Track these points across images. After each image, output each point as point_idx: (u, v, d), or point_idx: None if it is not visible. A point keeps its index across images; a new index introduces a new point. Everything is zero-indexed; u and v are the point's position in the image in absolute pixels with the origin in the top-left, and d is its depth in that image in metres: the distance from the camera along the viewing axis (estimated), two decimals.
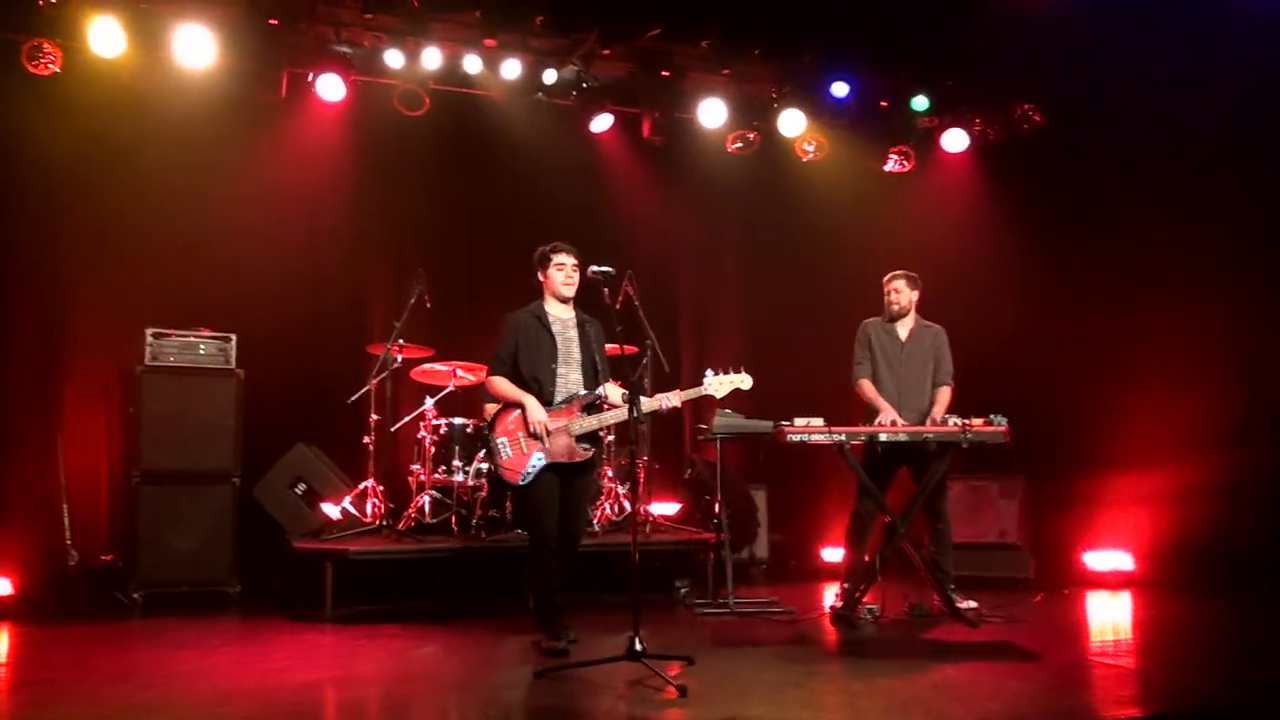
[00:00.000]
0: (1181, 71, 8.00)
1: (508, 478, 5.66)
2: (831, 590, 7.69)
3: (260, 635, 6.32)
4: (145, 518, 7.23)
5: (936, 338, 7.23)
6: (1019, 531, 8.12)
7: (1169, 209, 8.33)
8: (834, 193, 9.73)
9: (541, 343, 5.76)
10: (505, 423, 5.70)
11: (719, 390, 5.88)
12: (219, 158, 8.21)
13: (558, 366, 5.75)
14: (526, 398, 5.65)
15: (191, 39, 7.85)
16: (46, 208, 7.85)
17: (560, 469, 5.67)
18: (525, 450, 5.64)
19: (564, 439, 5.65)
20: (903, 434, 6.62)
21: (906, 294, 7.22)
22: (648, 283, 9.65)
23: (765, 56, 9.19)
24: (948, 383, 7.17)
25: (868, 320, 7.31)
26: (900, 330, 7.20)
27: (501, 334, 5.82)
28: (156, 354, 7.37)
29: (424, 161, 8.99)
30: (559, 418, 5.68)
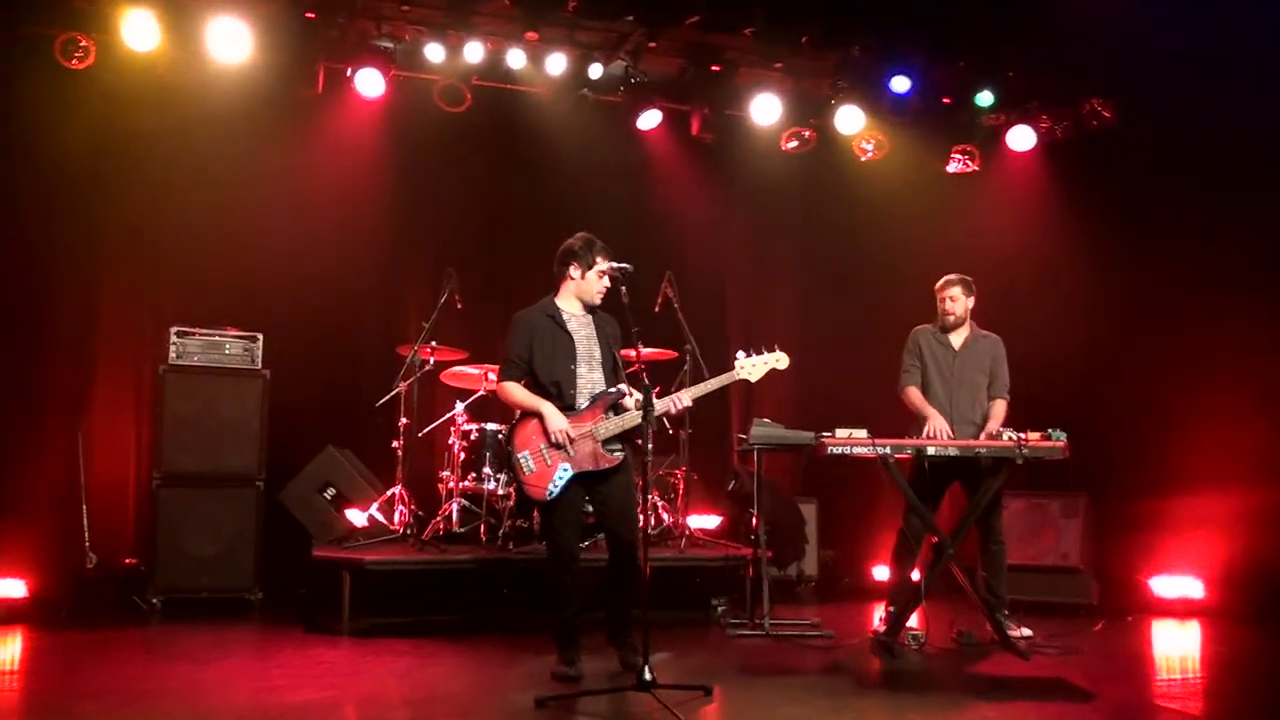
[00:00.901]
0: (1265, 63, 7.45)
1: (533, 494, 5.26)
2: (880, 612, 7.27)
3: (268, 648, 6.08)
4: (165, 521, 7.06)
5: (994, 348, 6.78)
6: (1081, 553, 7.61)
7: (1248, 215, 7.78)
8: (893, 194, 9.29)
9: (559, 343, 5.36)
10: (524, 433, 5.30)
11: (753, 373, 5.49)
12: (252, 154, 8.03)
13: (578, 367, 5.34)
14: (543, 405, 5.27)
15: (226, 32, 7.67)
16: (75, 202, 7.73)
17: (589, 478, 5.28)
18: (549, 462, 5.24)
19: (589, 445, 5.25)
20: (952, 448, 6.18)
21: (962, 301, 6.78)
22: (695, 287, 9.32)
23: (815, 45, 8.73)
24: (1004, 396, 6.72)
25: (919, 327, 6.88)
26: (954, 339, 6.76)
27: (511, 336, 5.42)
28: (180, 353, 7.20)
29: (463, 159, 8.77)
30: (582, 422, 5.27)
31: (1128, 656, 6.38)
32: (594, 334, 5.44)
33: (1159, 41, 7.67)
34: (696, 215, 9.37)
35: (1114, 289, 8.46)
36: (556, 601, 5.33)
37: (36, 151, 7.54)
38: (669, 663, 5.76)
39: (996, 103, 8.89)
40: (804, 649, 6.27)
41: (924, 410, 6.56)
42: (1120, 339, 8.36)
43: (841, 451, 6.10)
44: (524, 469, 5.26)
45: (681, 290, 9.28)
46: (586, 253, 5.40)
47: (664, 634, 6.69)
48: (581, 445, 5.25)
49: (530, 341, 5.37)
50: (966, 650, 6.18)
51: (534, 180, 8.88)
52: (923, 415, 6.53)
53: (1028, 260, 8.98)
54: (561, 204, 8.88)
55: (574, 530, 5.31)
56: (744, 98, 9.01)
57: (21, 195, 7.54)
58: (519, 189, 8.89)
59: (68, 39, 7.47)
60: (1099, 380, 8.42)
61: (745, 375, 5.48)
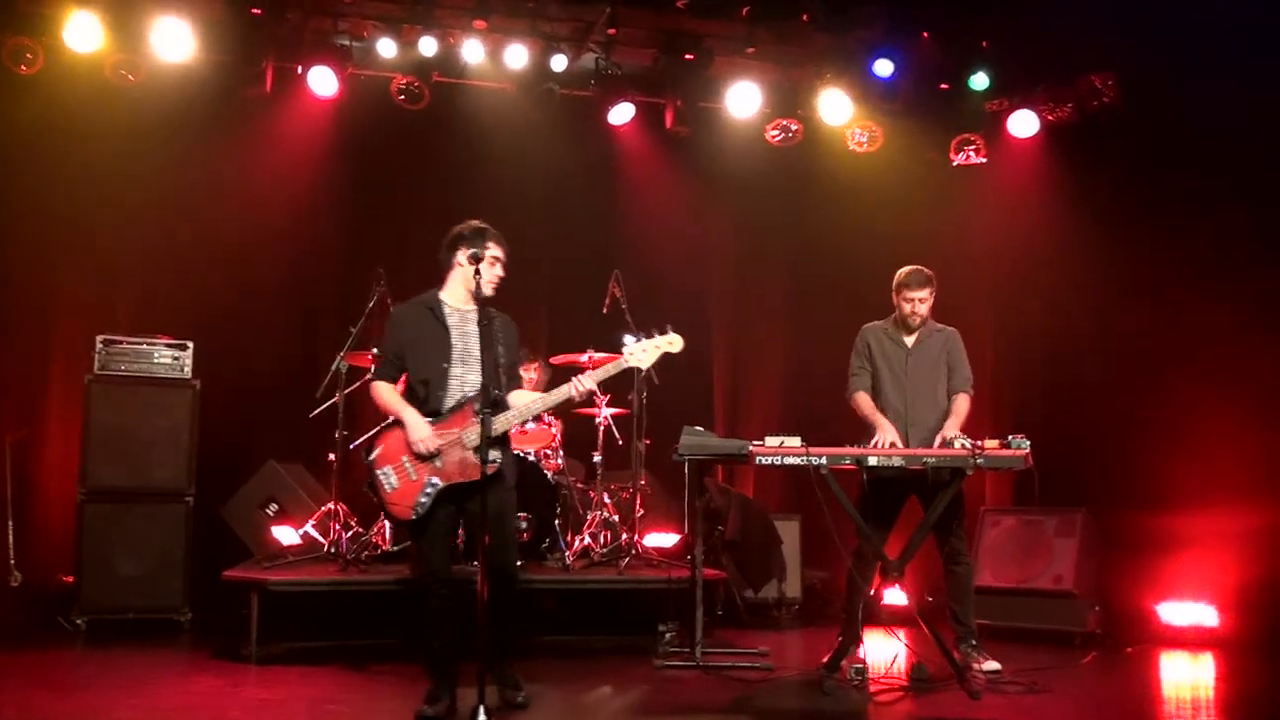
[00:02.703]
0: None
1: (397, 514, 4.73)
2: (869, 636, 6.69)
3: (153, 676, 5.64)
4: (91, 538, 6.77)
5: (948, 341, 6.14)
6: (1076, 576, 6.84)
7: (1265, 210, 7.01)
8: (888, 188, 8.65)
9: (433, 338, 4.81)
10: (387, 446, 4.76)
11: (644, 359, 4.89)
12: (194, 156, 7.79)
13: (451, 366, 4.78)
14: (405, 411, 4.75)
15: (170, 33, 7.45)
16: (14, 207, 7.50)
17: (460, 491, 4.71)
18: (414, 477, 4.71)
19: (458, 453, 4.70)
20: (897, 458, 5.55)
21: (929, 303, 6.13)
22: (674, 289, 8.86)
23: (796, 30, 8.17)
24: (965, 390, 6.06)
25: (868, 325, 6.26)
26: (906, 337, 6.13)
27: (386, 331, 4.92)
28: (106, 362, 6.92)
29: (421, 160, 8.40)
30: (449, 429, 4.72)
31: (1106, 696, 5.66)
32: (475, 331, 4.82)
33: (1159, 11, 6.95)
34: (674, 214, 8.86)
35: (1124, 286, 7.75)
36: (424, 630, 4.80)
37: None
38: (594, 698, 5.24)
39: (992, 85, 8.19)
40: (730, 681, 5.69)
41: (873, 419, 5.95)
42: (1130, 338, 7.64)
43: (771, 462, 5.53)
44: (385, 487, 4.73)
45: (659, 293, 8.84)
46: (477, 239, 4.90)
47: (594, 661, 6.25)
48: (449, 454, 4.70)
49: (404, 337, 4.86)
50: (916, 686, 5.52)
51: (498, 181, 8.42)
52: (873, 425, 5.92)
53: (1034, 256, 8.34)
54: (529, 205, 8.45)
55: (444, 550, 4.78)
56: (721, 88, 8.49)
57: None
58: (482, 190, 8.43)
59: (16, 44, 7.30)
60: (1101, 385, 7.71)
61: (635, 363, 4.89)
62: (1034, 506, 7.14)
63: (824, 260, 8.93)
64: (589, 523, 7.17)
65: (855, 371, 6.18)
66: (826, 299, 8.85)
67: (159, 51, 7.48)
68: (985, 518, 7.41)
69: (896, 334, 6.14)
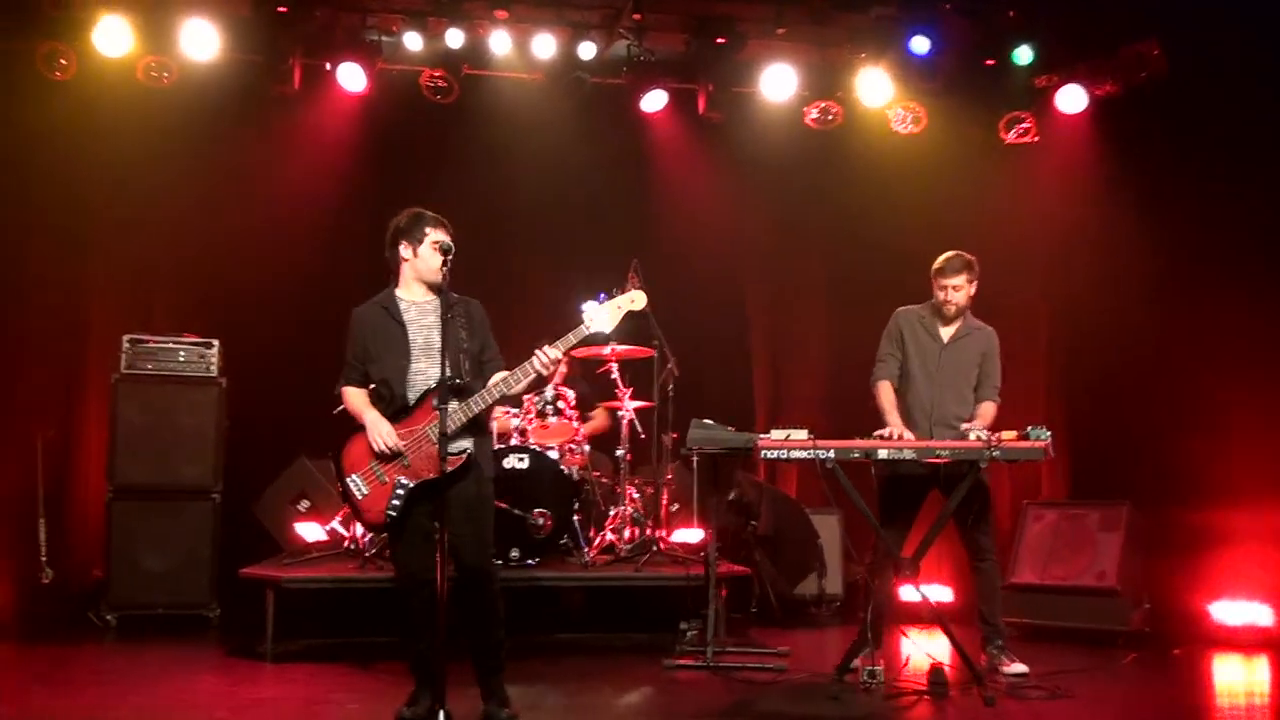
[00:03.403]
0: None
1: (371, 520, 4.59)
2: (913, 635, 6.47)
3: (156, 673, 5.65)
4: (120, 535, 6.85)
5: (987, 342, 5.85)
6: (1120, 573, 6.49)
7: None
8: (933, 170, 8.32)
9: (390, 336, 4.65)
10: (354, 452, 4.61)
11: (605, 322, 4.64)
12: (224, 156, 7.80)
13: (412, 362, 4.62)
14: (367, 413, 4.61)
15: (198, 33, 7.49)
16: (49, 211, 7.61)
17: (432, 488, 4.53)
18: (384, 480, 4.56)
19: (425, 449, 4.53)
20: (908, 450, 5.31)
21: (966, 290, 5.85)
22: (711, 280, 8.68)
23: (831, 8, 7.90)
24: (993, 398, 5.79)
25: (903, 309, 5.99)
26: (944, 330, 5.86)
27: (348, 335, 4.79)
28: (133, 361, 6.99)
29: (451, 154, 8.27)
30: (413, 425, 4.56)
31: (1137, 700, 5.35)
32: (434, 324, 4.67)
33: None
34: (710, 202, 8.61)
35: (1177, 271, 7.36)
36: (406, 630, 4.69)
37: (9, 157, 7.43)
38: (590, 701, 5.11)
39: (1037, 59, 7.81)
40: (736, 683, 5.49)
41: (887, 415, 5.70)
42: (1183, 325, 7.23)
43: (778, 456, 5.33)
44: (356, 494, 4.59)
45: (696, 283, 8.66)
46: (415, 226, 4.76)
47: (607, 660, 6.12)
48: (416, 452, 4.55)
49: (364, 338, 4.72)
50: (933, 691, 5.25)
51: (529, 173, 8.33)
52: (885, 420, 5.68)
53: (1085, 239, 7.99)
54: (560, 196, 8.41)
55: (422, 552, 4.58)
56: (755, 72, 8.26)
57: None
58: (512, 182, 8.36)
59: (48, 50, 7.41)
60: (1157, 373, 7.29)
61: (596, 328, 4.66)
62: (1078, 500, 6.81)
63: (867, 246, 8.62)
64: (612, 518, 7.03)
65: (883, 357, 5.93)
66: (870, 286, 8.51)
67: (188, 52, 7.52)
68: (1027, 512, 7.09)
69: (932, 324, 5.87)
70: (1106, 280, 7.79)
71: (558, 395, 7.07)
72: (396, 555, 4.73)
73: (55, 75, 7.41)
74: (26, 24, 7.31)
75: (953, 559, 7.47)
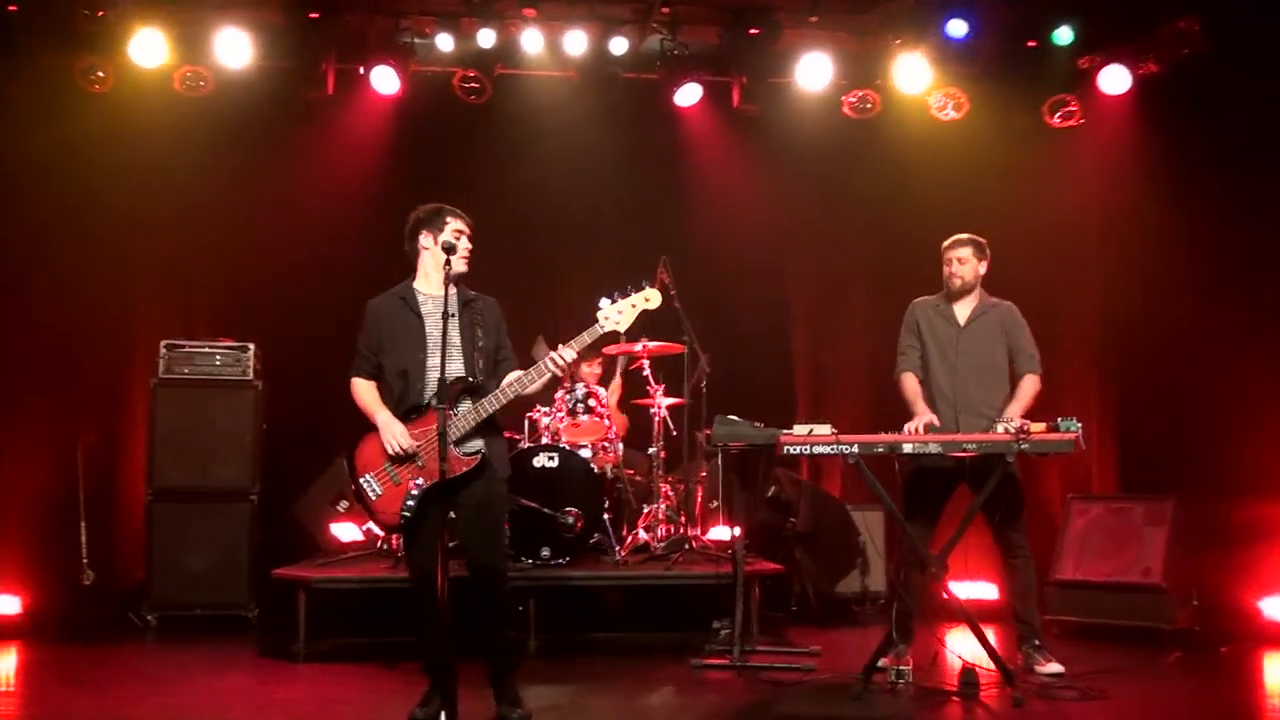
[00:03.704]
0: None
1: (385, 521, 4.57)
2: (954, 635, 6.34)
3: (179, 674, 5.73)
4: (159, 537, 6.96)
5: (1006, 315, 5.71)
6: (1165, 569, 6.27)
7: None
8: (976, 158, 8.13)
9: (408, 329, 4.61)
10: (367, 452, 4.60)
11: (620, 320, 4.60)
12: (260, 161, 7.87)
13: (428, 357, 4.57)
14: (379, 412, 4.59)
15: (231, 42, 7.57)
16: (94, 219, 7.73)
17: (446, 489, 4.47)
18: (398, 481, 4.52)
19: (439, 449, 4.40)
20: (933, 444, 5.17)
21: (972, 264, 5.75)
22: (752, 277, 8.57)
23: None
24: (1033, 370, 5.64)
25: (918, 300, 5.88)
26: (959, 311, 5.73)
27: (362, 325, 4.77)
28: (170, 366, 7.10)
29: (484, 153, 8.26)
30: (426, 425, 4.50)
31: (1173, 701, 5.17)
32: (455, 316, 4.59)
33: None
34: (748, 196, 8.50)
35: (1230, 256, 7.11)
36: (419, 630, 4.69)
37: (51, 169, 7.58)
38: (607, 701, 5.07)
39: (1077, 40, 7.59)
40: (761, 684, 5.40)
41: (913, 404, 5.57)
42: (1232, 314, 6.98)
43: (800, 451, 5.23)
44: (370, 495, 4.57)
45: (735, 279, 8.56)
46: (435, 217, 4.74)
47: (635, 659, 6.07)
48: (430, 452, 4.49)
49: (379, 330, 4.69)
50: (963, 691, 5.11)
51: (563, 171, 8.27)
52: (912, 411, 5.55)
53: (1134, 224, 7.75)
54: (595, 194, 8.36)
55: (430, 551, 4.55)
56: (790, 62, 8.13)
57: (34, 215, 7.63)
58: (547, 181, 8.31)
59: (86, 64, 7.54)
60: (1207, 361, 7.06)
61: (611, 327, 4.60)
62: (1123, 493, 6.60)
63: (910, 238, 8.35)
64: (645, 516, 6.98)
65: (903, 349, 5.82)
66: (915, 278, 8.21)
67: (222, 61, 7.61)
68: (1071, 505, 6.89)
69: (947, 309, 5.75)
70: (1156, 267, 7.55)
71: (589, 394, 7.02)
72: (410, 556, 4.72)
73: (94, 88, 7.55)
74: (65, 39, 7.41)
75: (995, 554, 7.29)
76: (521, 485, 6.47)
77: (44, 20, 7.35)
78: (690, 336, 6.90)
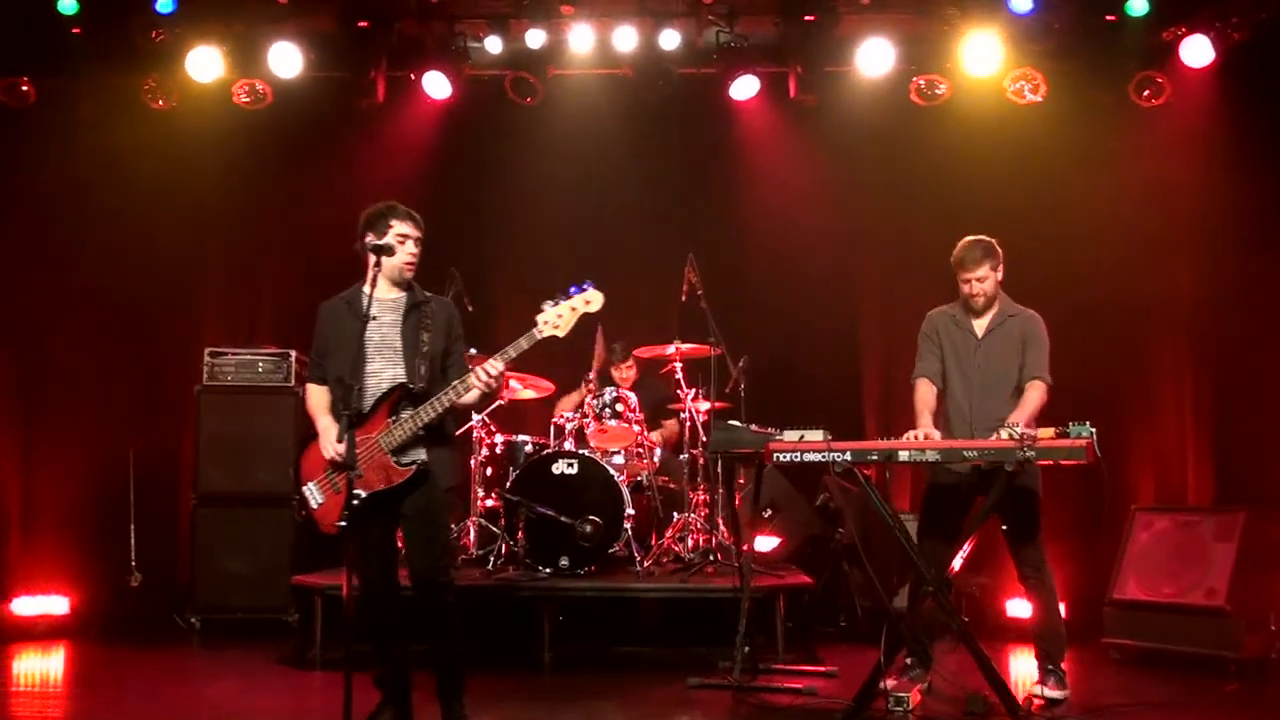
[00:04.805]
0: None
1: (325, 529, 4.48)
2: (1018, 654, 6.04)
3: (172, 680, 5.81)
4: (202, 541, 7.09)
5: (1024, 326, 5.22)
6: (1231, 589, 5.62)
7: None
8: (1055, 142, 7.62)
9: (349, 333, 4.44)
10: (311, 459, 4.52)
11: (561, 325, 4.38)
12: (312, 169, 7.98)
13: (369, 364, 4.44)
14: (319, 419, 4.49)
15: (284, 55, 7.68)
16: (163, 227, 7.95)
17: (385, 499, 4.39)
18: (338, 490, 4.41)
19: (377, 458, 4.37)
20: (930, 452, 4.76)
21: (991, 279, 5.27)
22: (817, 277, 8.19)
23: None
24: (1038, 377, 5.12)
25: (933, 311, 5.48)
26: (977, 324, 5.28)
27: (315, 330, 4.67)
28: (214, 373, 7.23)
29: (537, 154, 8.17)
30: (367, 433, 4.38)
31: None
32: (397, 321, 4.52)
33: None
34: (809, 191, 8.12)
35: None
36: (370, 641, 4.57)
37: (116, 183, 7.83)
38: None
39: (1153, 10, 6.95)
40: (752, 707, 5.07)
41: (918, 416, 5.16)
42: None
43: (790, 458, 4.91)
44: (311, 502, 4.49)
45: (799, 280, 8.19)
46: (380, 219, 4.54)
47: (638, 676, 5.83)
48: (368, 461, 4.38)
49: (324, 334, 4.58)
50: (967, 718, 4.69)
51: (618, 170, 8.13)
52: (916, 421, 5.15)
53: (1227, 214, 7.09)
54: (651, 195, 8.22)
55: (380, 562, 4.50)
56: (849, 49, 7.73)
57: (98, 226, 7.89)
58: (602, 180, 8.17)
59: (149, 82, 7.76)
60: None
61: (551, 331, 4.39)
62: (1191, 505, 5.99)
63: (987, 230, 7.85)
64: (675, 525, 6.72)
65: (921, 355, 5.40)
66: None
67: (276, 72, 7.72)
68: (1135, 518, 6.28)
69: (965, 320, 5.31)
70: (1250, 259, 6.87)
71: (617, 398, 6.81)
72: (355, 564, 4.60)
73: (156, 105, 7.77)
74: (127, 60, 7.63)
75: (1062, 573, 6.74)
76: (539, 492, 6.34)
77: (106, 42, 7.60)
78: (717, 338, 6.64)
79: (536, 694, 5.44)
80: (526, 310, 7.85)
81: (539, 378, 7.14)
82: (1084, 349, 7.21)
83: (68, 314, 7.82)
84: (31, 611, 6.98)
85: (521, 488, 6.40)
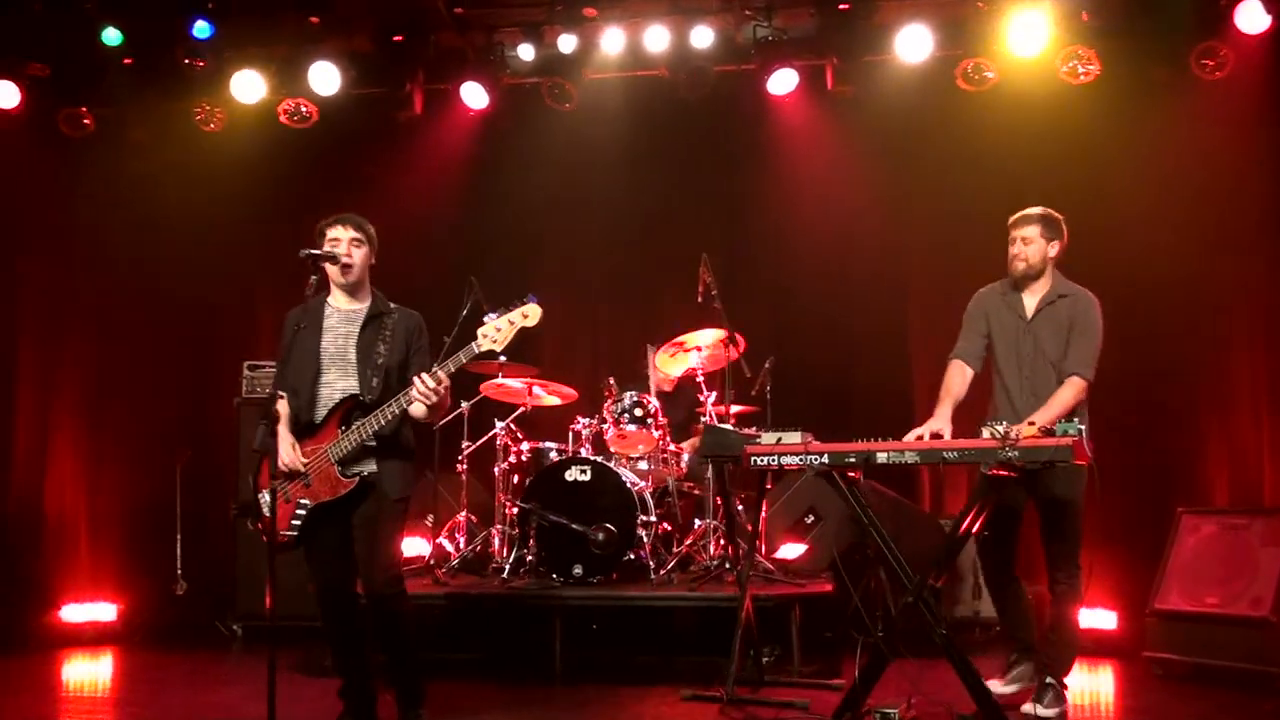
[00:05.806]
0: None
1: (275, 540, 4.44)
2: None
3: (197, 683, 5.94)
4: (243, 550, 7.23)
5: (1074, 306, 4.90)
6: (1278, 599, 5.15)
7: None
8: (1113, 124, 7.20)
9: (306, 343, 4.47)
10: (266, 468, 4.53)
11: (499, 339, 4.28)
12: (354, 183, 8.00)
13: (322, 373, 4.46)
14: (279, 428, 4.48)
15: (322, 74, 7.81)
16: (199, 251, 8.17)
17: (334, 509, 4.40)
18: (289, 499, 4.44)
19: (325, 468, 4.38)
20: (909, 453, 4.49)
21: (1039, 245, 4.97)
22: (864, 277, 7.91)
23: None
24: (1077, 372, 4.80)
25: (982, 290, 5.19)
26: (1028, 301, 4.97)
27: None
28: (251, 386, 7.38)
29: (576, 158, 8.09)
30: (316, 444, 4.40)
31: None
32: (354, 332, 4.51)
33: None
34: (852, 186, 7.84)
35: None
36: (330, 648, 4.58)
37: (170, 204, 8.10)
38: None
39: None
40: None
41: (938, 403, 4.89)
42: None
43: (766, 462, 4.71)
44: (265, 511, 4.48)
45: (845, 279, 7.92)
46: (319, 234, 4.56)
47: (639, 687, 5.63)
48: (317, 471, 4.39)
49: (286, 343, 4.58)
50: None
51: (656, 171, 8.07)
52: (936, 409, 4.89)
53: None
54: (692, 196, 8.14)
55: (334, 571, 4.51)
56: (886, 37, 7.44)
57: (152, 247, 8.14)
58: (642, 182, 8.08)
59: (201, 107, 8.01)
60: None
61: (490, 345, 4.29)
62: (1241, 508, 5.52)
63: None
64: (695, 532, 6.55)
65: (963, 334, 5.16)
66: None
67: (317, 90, 7.85)
68: (1181, 521, 5.82)
69: (1015, 298, 5.02)
70: None
71: (637, 402, 6.67)
72: (313, 580, 4.61)
73: (207, 128, 8.01)
74: (176, 85, 7.87)
75: (1112, 580, 6.33)
76: (552, 499, 6.26)
77: (157, 69, 7.87)
78: (732, 339, 6.43)
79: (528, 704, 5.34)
80: (565, 319, 7.93)
81: (561, 384, 7.06)
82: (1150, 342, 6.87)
83: (130, 331, 8.11)
84: (81, 618, 7.26)
85: (535, 495, 6.33)
